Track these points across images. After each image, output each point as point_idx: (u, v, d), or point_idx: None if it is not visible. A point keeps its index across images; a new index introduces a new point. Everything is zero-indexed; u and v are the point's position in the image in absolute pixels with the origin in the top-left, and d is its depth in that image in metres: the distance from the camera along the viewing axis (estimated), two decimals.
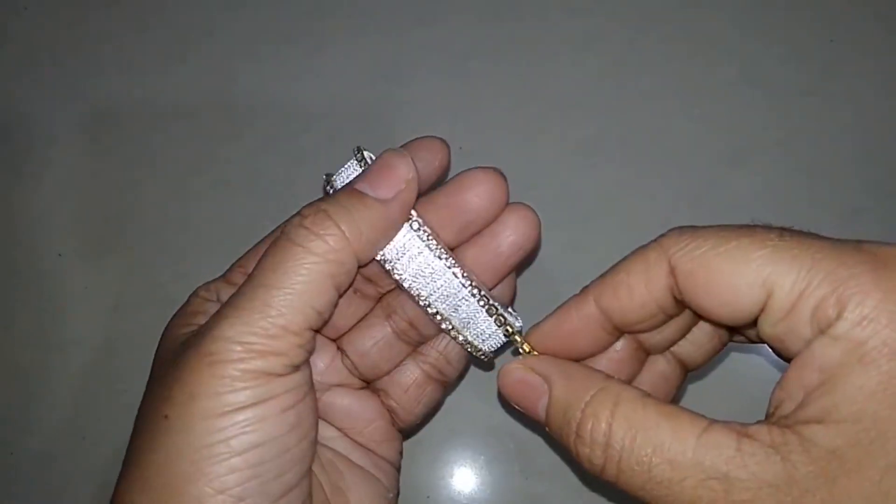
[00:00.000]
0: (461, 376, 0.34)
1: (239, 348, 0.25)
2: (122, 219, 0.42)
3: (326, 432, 0.31)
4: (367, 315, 0.32)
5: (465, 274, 0.29)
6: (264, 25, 0.44)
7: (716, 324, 0.28)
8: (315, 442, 0.28)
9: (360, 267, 0.27)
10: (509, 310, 0.31)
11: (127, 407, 0.40)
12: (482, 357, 0.31)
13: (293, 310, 0.26)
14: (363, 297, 0.32)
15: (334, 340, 0.32)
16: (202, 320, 0.28)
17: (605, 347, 0.28)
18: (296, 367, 0.26)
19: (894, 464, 0.20)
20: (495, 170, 0.30)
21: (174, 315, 0.30)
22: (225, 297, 0.28)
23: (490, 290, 0.31)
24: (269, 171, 0.42)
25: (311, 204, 0.27)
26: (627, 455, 0.23)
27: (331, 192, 0.30)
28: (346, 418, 0.32)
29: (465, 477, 0.39)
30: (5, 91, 0.43)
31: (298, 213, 0.27)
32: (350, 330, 0.32)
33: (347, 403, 0.32)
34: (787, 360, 0.24)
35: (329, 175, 0.31)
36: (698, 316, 0.27)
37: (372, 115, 0.42)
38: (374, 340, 0.31)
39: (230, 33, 0.44)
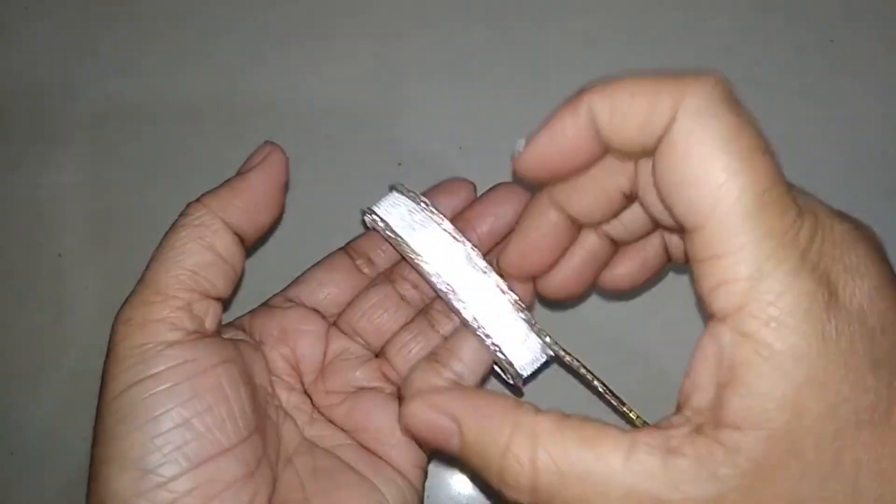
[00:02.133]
0: (483, 383, 0.34)
1: (124, 327, 0.27)
2: (122, 219, 0.42)
3: (336, 440, 0.32)
4: (409, 322, 0.34)
5: (509, 289, 0.31)
6: (265, 25, 0.44)
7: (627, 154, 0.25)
8: (235, 418, 0.28)
9: (246, 232, 0.30)
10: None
11: None
12: (514, 381, 0.31)
13: (164, 274, 0.28)
14: (408, 303, 0.34)
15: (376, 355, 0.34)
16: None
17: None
18: (188, 333, 0.27)
19: (806, 473, 0.21)
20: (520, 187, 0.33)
21: None
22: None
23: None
24: None
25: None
26: (558, 496, 0.22)
27: (370, 224, 0.33)
28: (363, 418, 0.32)
29: (465, 477, 0.39)
30: (5, 91, 0.43)
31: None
32: (393, 335, 0.34)
33: (366, 402, 0.32)
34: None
35: (368, 209, 0.33)
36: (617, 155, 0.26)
37: (372, 115, 0.42)
38: (412, 334, 0.33)
39: (231, 33, 0.44)
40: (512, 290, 0.31)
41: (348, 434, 0.32)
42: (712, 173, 0.21)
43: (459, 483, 0.39)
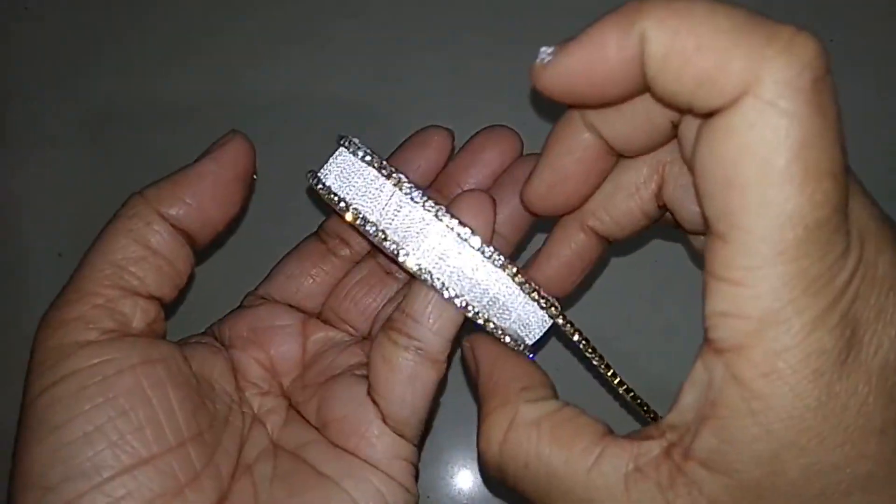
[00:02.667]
0: (454, 350, 0.30)
1: (42, 329, 0.25)
2: None
3: (302, 437, 0.28)
4: (395, 294, 0.32)
5: (500, 254, 0.26)
6: (264, 25, 0.44)
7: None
8: (170, 419, 0.25)
9: (191, 227, 0.27)
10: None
11: None
12: (523, 349, 0.27)
13: (91, 269, 0.26)
14: (394, 277, 0.31)
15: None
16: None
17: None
18: (106, 332, 0.25)
19: None
20: (505, 127, 0.30)
21: None
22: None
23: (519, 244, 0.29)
24: (269, 171, 0.42)
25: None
26: (522, 482, 0.22)
27: (318, 186, 0.28)
28: (332, 407, 0.28)
29: (465, 477, 0.39)
30: (5, 91, 0.43)
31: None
32: (378, 311, 0.31)
33: (334, 388, 0.29)
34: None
35: (312, 171, 0.29)
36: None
37: (372, 115, 0.42)
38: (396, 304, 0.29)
39: (230, 33, 0.44)
40: (498, 252, 0.26)
41: (318, 431, 0.28)
42: (763, 186, 0.17)
43: (460, 483, 0.39)
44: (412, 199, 0.26)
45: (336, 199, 0.27)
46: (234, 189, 0.27)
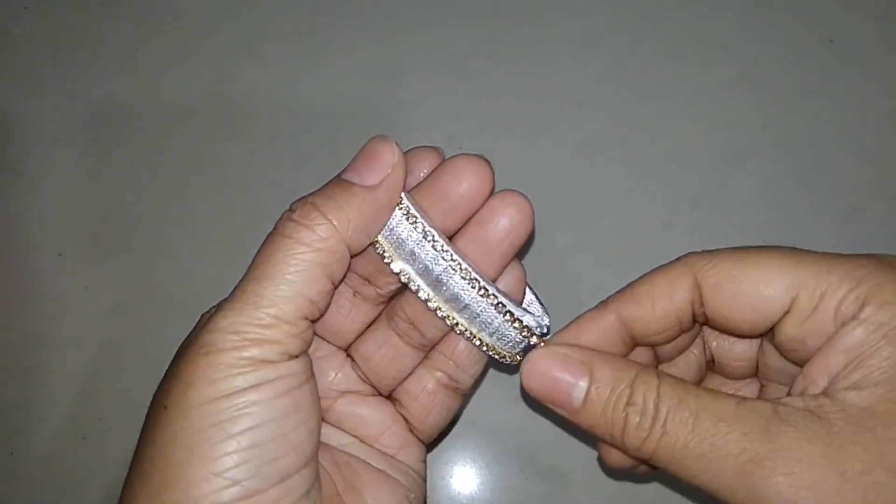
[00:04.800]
0: (478, 383, 0.33)
1: (234, 337, 0.25)
2: (122, 219, 0.42)
3: (342, 439, 0.31)
4: (374, 321, 0.32)
5: (475, 276, 0.28)
6: (264, 25, 0.44)
7: (733, 333, 0.29)
8: (316, 431, 0.27)
9: (353, 256, 0.27)
10: (535, 306, 0.31)
11: (127, 407, 0.40)
12: (507, 362, 0.30)
13: (285, 299, 0.26)
14: (364, 299, 0.32)
15: (346, 350, 0.32)
16: None
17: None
18: (292, 356, 0.26)
19: None
20: (479, 156, 0.30)
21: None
22: None
23: (494, 281, 0.30)
24: (269, 171, 0.42)
25: (300, 198, 0.28)
26: (674, 413, 0.24)
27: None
28: (359, 426, 0.31)
29: (465, 477, 0.39)
30: (5, 91, 0.43)
31: (289, 209, 0.28)
32: (358, 337, 0.32)
33: (359, 411, 0.31)
34: (799, 363, 0.26)
35: None
36: (716, 328, 0.29)
37: (372, 115, 0.42)
38: (377, 344, 0.31)
39: (230, 33, 0.44)
40: (482, 276, 0.29)
41: (348, 433, 0.31)
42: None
43: (459, 483, 0.39)
44: (435, 248, 0.28)
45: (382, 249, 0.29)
46: (392, 209, 0.29)
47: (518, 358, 0.30)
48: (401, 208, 0.28)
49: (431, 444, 0.33)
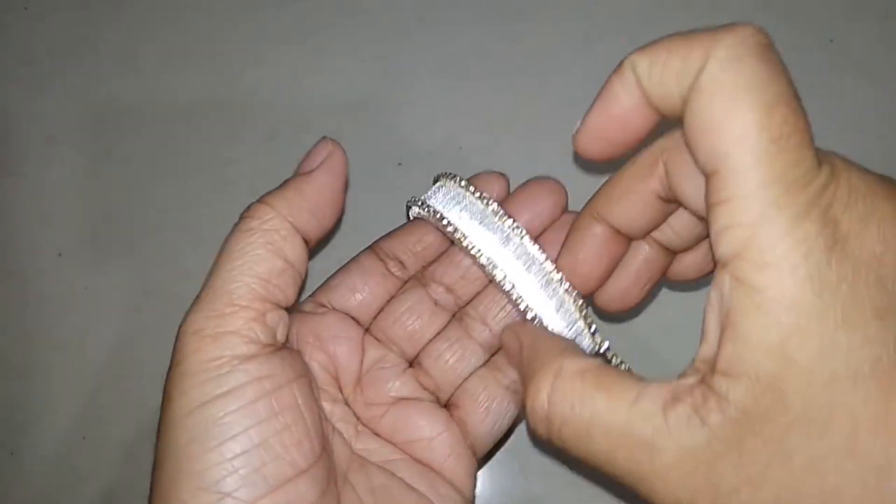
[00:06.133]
0: None
1: (195, 339, 0.25)
2: (122, 219, 0.42)
3: (386, 454, 0.31)
4: (444, 329, 0.33)
5: (557, 271, 0.30)
6: (264, 25, 0.44)
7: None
8: (311, 436, 0.27)
9: (314, 237, 0.29)
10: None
11: (128, 407, 0.40)
12: None
13: (237, 282, 0.26)
14: (443, 308, 0.33)
15: (411, 359, 0.33)
16: None
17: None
18: (262, 346, 0.26)
19: (794, 425, 0.20)
20: (555, 181, 0.33)
21: None
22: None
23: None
24: (270, 171, 0.42)
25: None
26: (566, 427, 0.23)
27: (416, 214, 0.32)
28: (410, 431, 0.31)
29: None
30: (5, 91, 0.43)
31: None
32: (428, 343, 0.33)
33: (412, 415, 0.31)
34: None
35: (415, 198, 0.32)
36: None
37: (372, 114, 0.42)
38: (448, 342, 0.32)
39: (230, 33, 0.44)
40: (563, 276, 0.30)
41: (397, 447, 0.31)
42: (732, 120, 0.21)
43: None
44: (524, 250, 0.30)
45: (443, 220, 0.31)
46: (341, 197, 0.30)
47: None
48: (472, 191, 0.31)
49: (483, 460, 0.33)
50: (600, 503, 0.38)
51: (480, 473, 0.39)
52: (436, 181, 0.33)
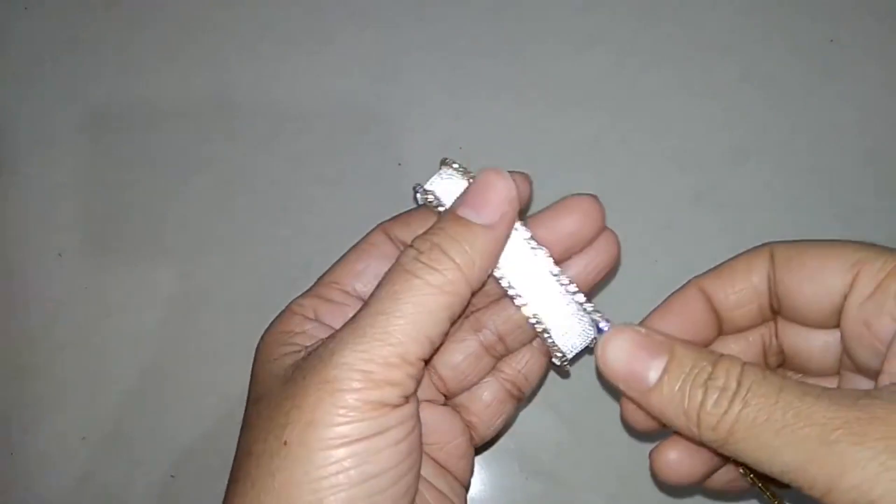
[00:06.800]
0: (533, 394, 0.34)
1: (358, 377, 0.25)
2: (122, 219, 0.42)
3: None
4: (457, 331, 0.32)
5: (561, 274, 0.30)
6: (263, 25, 0.44)
7: (803, 320, 0.29)
8: (419, 471, 0.28)
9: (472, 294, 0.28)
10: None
11: (128, 407, 0.40)
12: (564, 363, 0.31)
13: (411, 339, 0.26)
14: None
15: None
16: (304, 341, 0.28)
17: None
18: (406, 398, 0.26)
19: None
20: (593, 197, 0.32)
21: (268, 331, 0.30)
22: (324, 316, 0.29)
23: None
24: (269, 171, 0.42)
25: (421, 236, 0.28)
26: (757, 386, 0.24)
27: (422, 200, 0.31)
28: (432, 434, 0.31)
29: None
30: (5, 91, 0.43)
31: (411, 246, 0.27)
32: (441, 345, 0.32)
33: (435, 419, 0.31)
34: (869, 363, 0.26)
35: (419, 185, 0.31)
36: (788, 316, 0.29)
37: (372, 114, 0.42)
38: (464, 354, 0.32)
39: (230, 33, 0.44)
40: (563, 273, 0.30)
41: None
42: None
43: None
44: (525, 242, 0.30)
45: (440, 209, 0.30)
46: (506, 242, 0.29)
47: (567, 358, 0.31)
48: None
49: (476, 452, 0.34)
50: (600, 503, 0.38)
51: (480, 473, 0.39)
52: (442, 165, 0.32)
